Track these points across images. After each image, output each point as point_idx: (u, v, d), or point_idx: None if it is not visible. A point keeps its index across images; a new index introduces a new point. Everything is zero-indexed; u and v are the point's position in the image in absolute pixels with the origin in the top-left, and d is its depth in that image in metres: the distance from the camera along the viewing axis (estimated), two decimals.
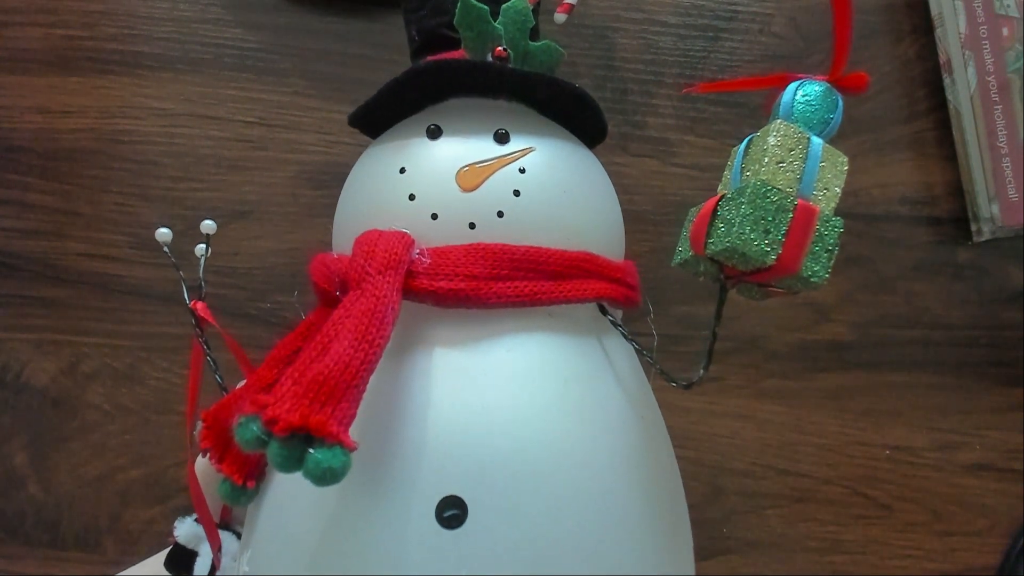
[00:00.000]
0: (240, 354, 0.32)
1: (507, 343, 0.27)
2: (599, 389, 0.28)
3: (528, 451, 0.25)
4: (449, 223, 0.28)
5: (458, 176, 0.28)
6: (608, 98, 0.46)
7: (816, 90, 0.26)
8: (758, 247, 0.24)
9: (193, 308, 0.32)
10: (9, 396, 0.46)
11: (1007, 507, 0.46)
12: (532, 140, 0.30)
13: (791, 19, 0.47)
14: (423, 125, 0.30)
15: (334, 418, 0.22)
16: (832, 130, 0.26)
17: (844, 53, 0.26)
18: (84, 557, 0.45)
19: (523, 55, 0.31)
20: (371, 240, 0.27)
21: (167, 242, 0.32)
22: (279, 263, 0.46)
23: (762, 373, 0.47)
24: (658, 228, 0.46)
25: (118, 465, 0.45)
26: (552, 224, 0.29)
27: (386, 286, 0.25)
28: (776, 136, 0.25)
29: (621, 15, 0.46)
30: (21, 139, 0.46)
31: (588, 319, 0.30)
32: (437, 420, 0.26)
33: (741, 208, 0.24)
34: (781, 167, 0.25)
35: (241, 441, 0.22)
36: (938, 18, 0.45)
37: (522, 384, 0.27)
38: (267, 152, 0.46)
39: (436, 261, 0.27)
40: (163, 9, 0.46)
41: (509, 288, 0.27)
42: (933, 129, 0.47)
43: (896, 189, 0.47)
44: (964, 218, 0.46)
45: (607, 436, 0.27)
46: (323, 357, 0.23)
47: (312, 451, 0.21)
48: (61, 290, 0.46)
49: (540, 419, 0.26)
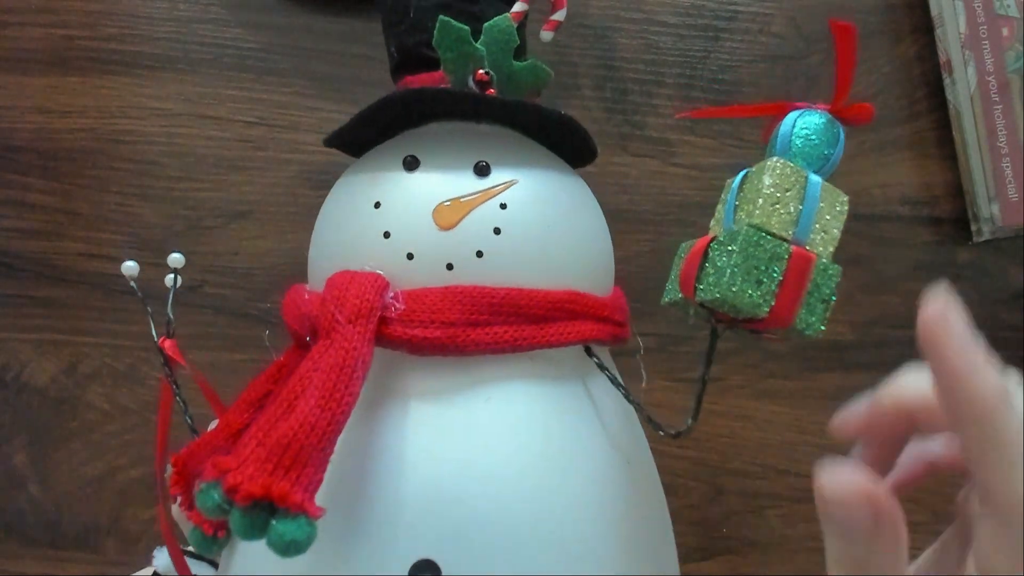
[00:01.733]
0: (211, 394, 0.31)
1: (486, 392, 0.26)
2: (583, 438, 0.27)
3: (506, 512, 0.24)
4: (425, 263, 0.26)
5: (435, 213, 0.27)
6: (608, 98, 0.46)
7: (816, 122, 0.24)
8: (749, 299, 0.22)
9: (161, 347, 0.30)
10: (9, 396, 0.46)
11: None
12: (514, 171, 0.28)
13: (791, 19, 0.47)
14: (400, 154, 0.28)
15: (299, 485, 0.21)
16: (832, 167, 0.25)
17: (847, 82, 0.24)
18: (84, 557, 0.45)
19: (507, 77, 0.29)
20: (343, 284, 0.25)
21: (133, 276, 0.31)
22: (279, 263, 0.46)
23: (762, 373, 0.47)
24: (658, 228, 0.46)
25: (118, 465, 0.45)
26: (535, 262, 0.27)
27: (356, 336, 0.24)
28: (772, 175, 0.23)
29: (621, 15, 0.46)
30: (21, 139, 0.46)
31: (572, 360, 0.28)
32: (411, 478, 0.24)
33: (732, 257, 0.23)
34: (776, 208, 0.23)
35: (202, 508, 0.21)
36: (938, 18, 0.45)
37: (501, 438, 0.25)
38: (267, 152, 0.46)
39: (411, 306, 0.25)
40: (163, 9, 0.46)
41: (488, 335, 0.26)
42: (933, 129, 0.47)
43: (896, 189, 0.47)
44: (964, 218, 0.46)
45: (591, 489, 0.26)
46: (288, 417, 0.22)
47: (275, 522, 0.20)
48: (61, 290, 0.46)
49: (520, 477, 0.25)
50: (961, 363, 0.20)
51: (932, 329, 0.20)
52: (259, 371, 0.45)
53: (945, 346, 0.20)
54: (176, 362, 0.30)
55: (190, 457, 0.27)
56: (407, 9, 0.30)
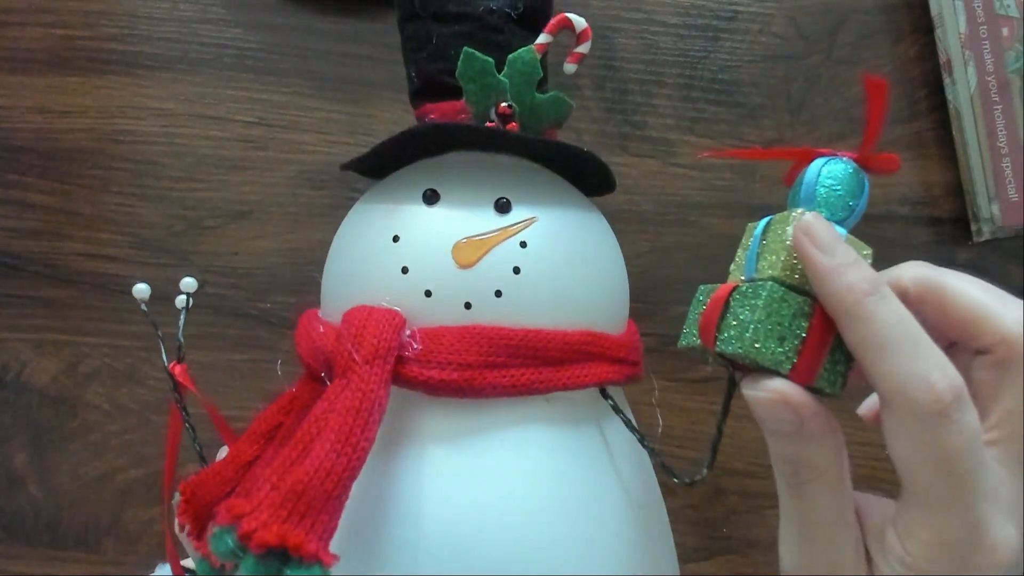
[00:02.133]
0: (220, 422, 0.31)
1: (501, 436, 0.26)
2: (597, 484, 0.27)
3: (520, 558, 0.24)
4: (443, 301, 0.26)
5: (455, 250, 0.26)
6: (608, 98, 0.46)
7: (842, 171, 0.24)
8: (772, 356, 0.22)
9: (171, 372, 0.30)
10: (9, 396, 0.46)
11: None
12: (535, 208, 0.28)
13: (791, 19, 0.47)
14: (419, 185, 0.28)
15: (313, 533, 0.21)
16: (856, 217, 0.24)
17: (876, 133, 0.24)
18: (84, 557, 0.45)
19: (529, 109, 0.29)
20: (360, 321, 0.25)
21: (144, 299, 0.30)
22: (279, 263, 0.46)
23: None
24: (658, 228, 0.46)
25: (118, 465, 0.45)
26: (553, 302, 0.27)
27: (373, 379, 0.24)
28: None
29: (621, 15, 0.46)
30: (21, 139, 0.46)
31: (587, 402, 0.28)
32: (426, 523, 0.24)
33: (756, 312, 0.22)
34: (800, 261, 0.23)
35: (215, 552, 0.21)
36: (938, 18, 0.45)
37: (516, 483, 0.25)
38: (267, 152, 0.46)
39: (428, 347, 0.25)
40: (163, 9, 0.46)
41: (505, 377, 0.25)
42: (933, 129, 0.47)
43: (896, 189, 0.47)
44: (964, 218, 0.46)
45: (603, 535, 0.26)
46: (303, 461, 0.22)
47: (288, 572, 0.20)
48: (61, 290, 0.46)
49: (534, 523, 0.25)
50: (826, 262, 0.21)
51: (799, 237, 0.22)
52: (258, 370, 0.45)
53: (810, 250, 0.22)
54: (186, 387, 0.30)
55: (199, 486, 0.27)
56: (429, 36, 0.30)
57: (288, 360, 0.37)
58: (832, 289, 0.21)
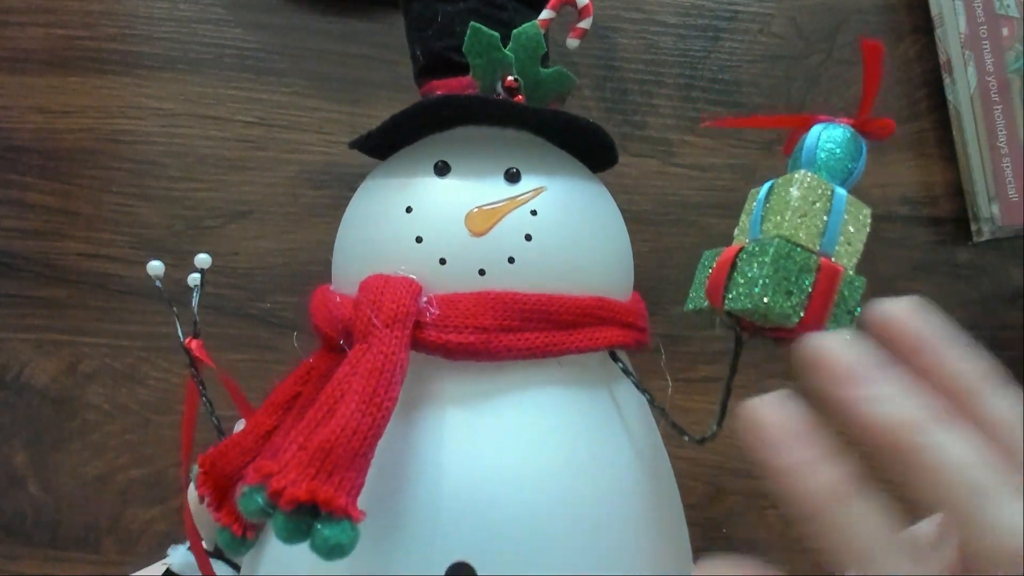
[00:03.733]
0: (237, 394, 0.31)
1: (517, 398, 0.26)
2: (609, 443, 0.27)
3: (537, 514, 0.25)
4: (458, 269, 0.27)
5: (467, 219, 0.27)
6: (608, 98, 0.46)
7: (841, 136, 0.25)
8: (780, 310, 0.23)
9: (188, 347, 0.30)
10: (9, 396, 0.46)
11: None
12: (543, 178, 0.28)
13: (791, 19, 0.47)
14: (430, 159, 0.29)
15: (342, 490, 0.21)
16: (854, 179, 0.25)
17: (871, 98, 0.24)
18: (84, 557, 0.45)
19: (534, 84, 0.30)
20: (377, 288, 0.26)
21: (159, 276, 0.31)
22: (279, 263, 0.46)
23: (762, 373, 0.46)
24: (658, 228, 0.46)
25: (118, 465, 0.45)
26: (564, 269, 0.28)
27: (394, 341, 0.24)
28: (800, 188, 0.24)
29: (621, 15, 0.46)
30: (21, 139, 0.46)
31: (598, 365, 0.29)
32: (446, 482, 0.25)
33: (764, 268, 0.23)
34: (804, 220, 0.24)
35: (245, 512, 0.21)
36: (938, 18, 0.45)
37: (532, 442, 0.26)
38: (267, 152, 0.46)
39: (444, 311, 0.26)
40: (163, 9, 0.46)
41: (520, 340, 0.26)
42: (933, 129, 0.47)
43: (896, 189, 0.47)
44: (964, 218, 0.46)
45: (616, 494, 0.27)
46: (329, 421, 0.22)
47: (319, 526, 0.21)
48: (61, 290, 0.46)
49: (550, 481, 0.25)
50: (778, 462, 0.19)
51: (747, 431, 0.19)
52: (258, 370, 0.45)
53: (765, 449, 0.19)
54: (201, 362, 0.30)
55: (219, 458, 0.27)
56: (435, 14, 0.30)
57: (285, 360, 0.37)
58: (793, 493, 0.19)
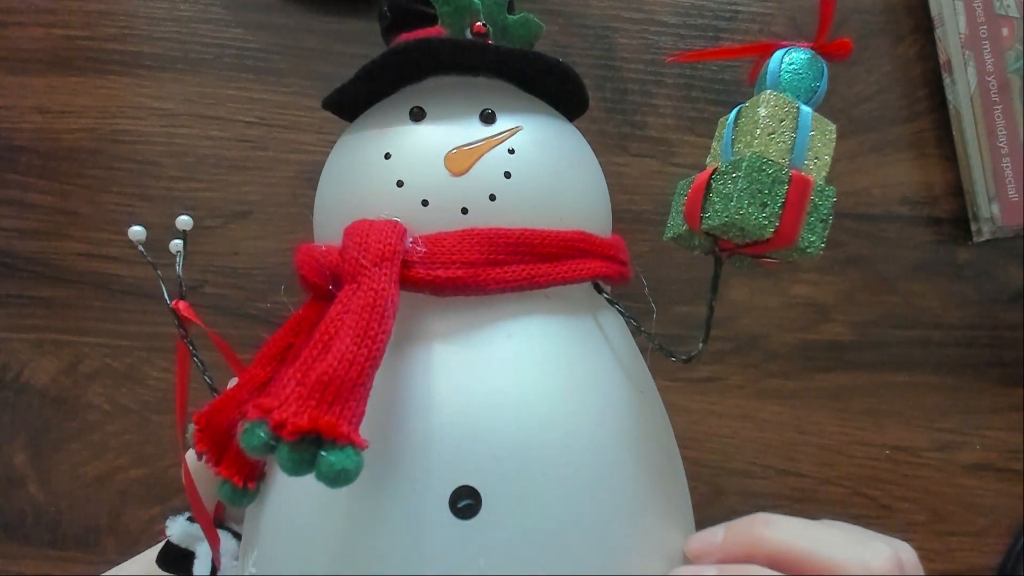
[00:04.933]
0: (228, 353, 0.32)
1: (507, 329, 0.27)
2: (599, 367, 0.28)
3: (537, 435, 0.25)
4: (440, 209, 0.27)
5: (446, 160, 0.27)
6: (608, 98, 0.46)
7: (802, 58, 0.26)
8: (756, 221, 0.24)
9: (175, 308, 0.30)
10: (9, 396, 0.46)
11: (1007, 507, 0.46)
12: (518, 119, 0.29)
13: (791, 19, 0.47)
14: (404, 107, 0.29)
15: (343, 418, 0.21)
16: (819, 98, 0.26)
17: (828, 20, 0.26)
18: (84, 557, 0.45)
19: (501, 30, 0.30)
20: (362, 231, 0.26)
21: (141, 240, 0.31)
22: (279, 263, 0.46)
23: (762, 373, 0.47)
24: (658, 228, 0.46)
25: (118, 465, 0.45)
26: (545, 205, 0.28)
27: (383, 278, 0.25)
28: (767, 107, 0.25)
29: (621, 15, 0.46)
30: (21, 139, 0.46)
31: (583, 298, 0.30)
32: (444, 411, 0.25)
33: (738, 183, 0.24)
34: (773, 138, 0.25)
35: (248, 447, 0.21)
36: (938, 18, 0.45)
37: (525, 369, 0.26)
38: (267, 152, 0.46)
39: (431, 249, 0.26)
40: (163, 9, 0.46)
41: (507, 273, 0.27)
42: (933, 129, 0.47)
43: (896, 189, 0.47)
44: (964, 218, 0.46)
45: (610, 414, 0.27)
46: (325, 356, 0.23)
47: (324, 453, 0.21)
48: (61, 290, 0.46)
49: (546, 402, 0.26)
50: None
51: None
52: None
53: None
54: (191, 321, 0.30)
55: (214, 413, 0.28)
56: None
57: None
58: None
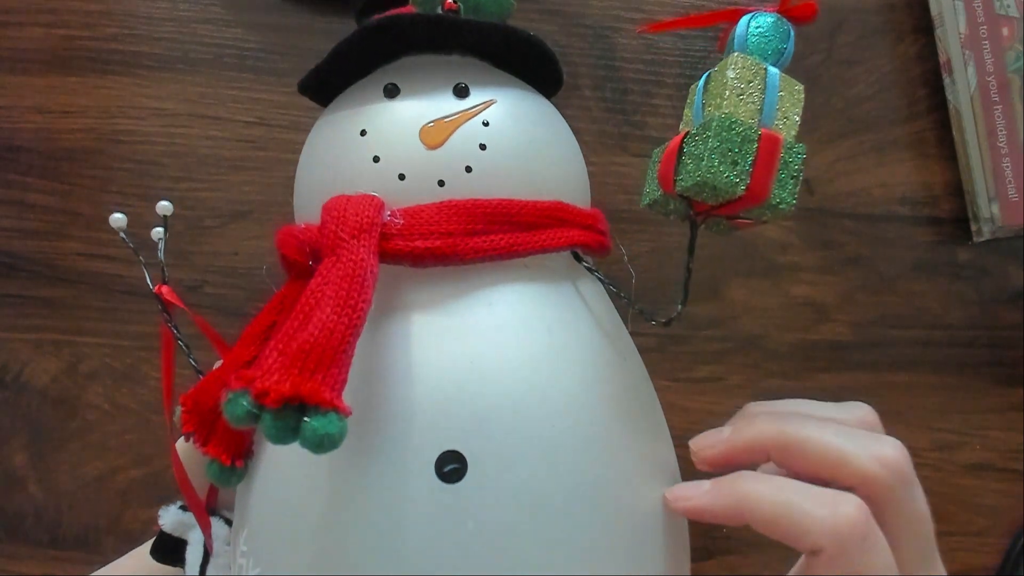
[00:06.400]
0: (213, 335, 0.32)
1: (487, 298, 0.27)
2: (581, 333, 0.28)
3: (520, 399, 0.25)
4: (417, 182, 0.27)
5: (422, 133, 0.28)
6: (608, 98, 0.46)
7: (768, 21, 0.27)
8: (727, 179, 0.24)
9: (158, 293, 0.31)
10: (9, 396, 0.46)
11: (1007, 507, 0.46)
12: (492, 92, 0.29)
13: None
14: (379, 85, 0.29)
15: (325, 384, 0.21)
16: (786, 60, 0.27)
17: None
18: (84, 557, 0.45)
19: (473, 7, 0.30)
20: (340, 205, 0.26)
21: (122, 228, 0.31)
22: (279, 263, 0.46)
23: (762, 373, 0.47)
24: (658, 228, 0.46)
25: (118, 465, 0.45)
26: (521, 176, 0.28)
27: (362, 249, 0.25)
28: (735, 69, 0.25)
29: (621, 15, 0.46)
30: (21, 139, 0.46)
31: (563, 267, 0.30)
32: (427, 378, 0.25)
33: (708, 142, 0.24)
34: (742, 99, 0.25)
35: (232, 417, 0.21)
36: (938, 18, 0.45)
37: (507, 335, 0.26)
38: (267, 152, 0.46)
39: (409, 221, 0.26)
40: (163, 9, 0.46)
41: (485, 242, 0.27)
42: (933, 129, 0.47)
43: (896, 189, 0.47)
44: (964, 218, 0.46)
45: (593, 376, 0.27)
46: (306, 326, 0.23)
47: (307, 420, 0.21)
48: (61, 290, 0.46)
49: (529, 367, 0.26)
50: None
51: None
52: None
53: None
54: (174, 305, 0.30)
55: (200, 393, 0.27)
56: None
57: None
58: None
